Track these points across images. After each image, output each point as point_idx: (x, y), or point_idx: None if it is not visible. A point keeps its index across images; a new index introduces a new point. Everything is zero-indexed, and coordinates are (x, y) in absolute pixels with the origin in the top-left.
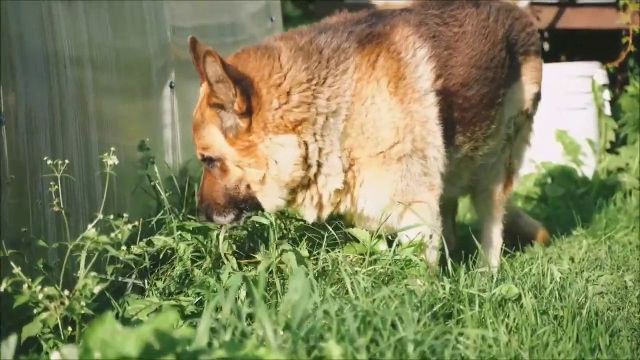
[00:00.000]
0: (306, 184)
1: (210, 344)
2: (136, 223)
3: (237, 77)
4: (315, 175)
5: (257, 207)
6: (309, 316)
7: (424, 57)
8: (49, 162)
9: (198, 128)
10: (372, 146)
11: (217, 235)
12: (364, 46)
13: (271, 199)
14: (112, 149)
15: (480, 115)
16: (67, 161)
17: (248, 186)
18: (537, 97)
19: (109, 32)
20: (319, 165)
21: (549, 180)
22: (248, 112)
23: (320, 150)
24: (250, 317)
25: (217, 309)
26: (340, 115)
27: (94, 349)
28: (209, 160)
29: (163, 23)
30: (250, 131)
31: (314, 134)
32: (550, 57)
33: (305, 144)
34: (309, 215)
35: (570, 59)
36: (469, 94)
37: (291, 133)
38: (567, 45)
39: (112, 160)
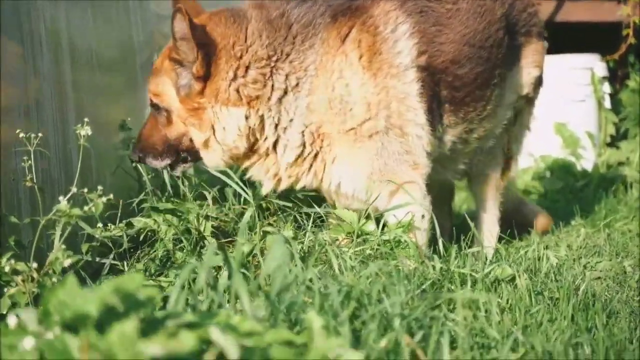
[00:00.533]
0: (263, 153)
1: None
2: (111, 196)
3: (202, 41)
4: (275, 147)
5: (197, 159)
6: (289, 286)
7: (405, 32)
8: (21, 135)
9: (155, 74)
10: (340, 122)
11: (197, 216)
12: (336, 20)
13: (212, 160)
14: (86, 119)
15: (474, 95)
16: (40, 135)
17: (191, 140)
18: (539, 81)
19: (89, 17)
20: (278, 137)
21: (547, 174)
22: (204, 78)
23: (277, 124)
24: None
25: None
26: (302, 91)
27: (54, 312)
28: (156, 107)
29: (147, 12)
30: (203, 94)
31: (270, 109)
32: (548, 52)
33: (261, 117)
34: (266, 184)
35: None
36: (461, 72)
37: (242, 106)
38: (566, 40)
39: (85, 130)
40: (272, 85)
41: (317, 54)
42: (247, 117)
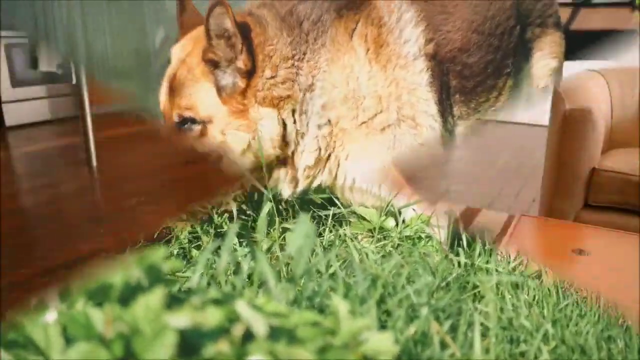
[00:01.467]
0: (283, 160)
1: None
2: None
3: (245, 34)
4: (293, 152)
5: None
6: (312, 271)
7: (410, 20)
8: None
9: (183, 86)
10: (352, 117)
11: (216, 214)
12: (342, 16)
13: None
14: None
15: (485, 84)
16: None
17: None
18: (558, 73)
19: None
20: (297, 142)
21: None
22: (250, 72)
23: (298, 128)
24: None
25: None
26: (316, 90)
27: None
28: (190, 122)
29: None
30: (245, 95)
31: (293, 112)
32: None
33: (284, 122)
34: (286, 189)
35: None
36: (470, 60)
37: (274, 107)
38: (581, 48)
39: None
40: (299, 85)
41: (329, 52)
42: (278, 120)
